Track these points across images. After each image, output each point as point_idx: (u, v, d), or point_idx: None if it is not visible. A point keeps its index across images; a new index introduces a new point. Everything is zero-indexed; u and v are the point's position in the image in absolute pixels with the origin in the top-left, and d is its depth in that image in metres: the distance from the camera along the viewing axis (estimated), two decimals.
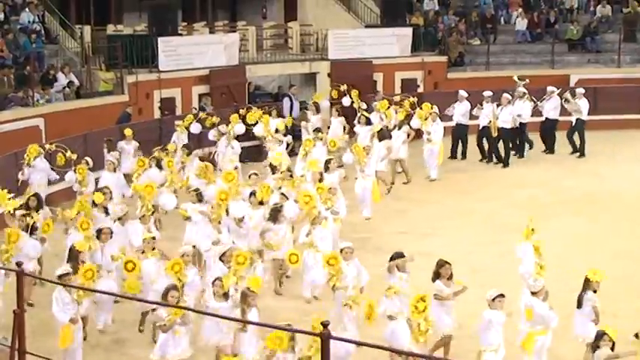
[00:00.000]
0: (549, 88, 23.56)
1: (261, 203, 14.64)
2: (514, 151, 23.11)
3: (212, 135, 21.09)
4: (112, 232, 13.10)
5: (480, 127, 22.76)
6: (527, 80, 23.50)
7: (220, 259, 12.26)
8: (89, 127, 20.68)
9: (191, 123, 21.19)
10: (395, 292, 11.18)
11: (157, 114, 23.95)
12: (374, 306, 11.06)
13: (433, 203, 19.30)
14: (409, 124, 20.98)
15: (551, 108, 23.42)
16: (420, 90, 26.79)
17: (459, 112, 22.73)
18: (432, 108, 21.17)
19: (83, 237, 12.82)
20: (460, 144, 23.29)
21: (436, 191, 20.29)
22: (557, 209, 18.39)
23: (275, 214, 14.19)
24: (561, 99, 23.33)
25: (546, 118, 23.60)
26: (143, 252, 12.57)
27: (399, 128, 20.59)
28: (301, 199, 14.36)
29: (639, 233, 16.74)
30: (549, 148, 23.85)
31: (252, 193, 14.83)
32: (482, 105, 22.61)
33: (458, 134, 23.17)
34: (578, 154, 23.47)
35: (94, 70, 24.19)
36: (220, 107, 23.44)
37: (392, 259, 11.61)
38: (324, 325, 6.10)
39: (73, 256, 12.18)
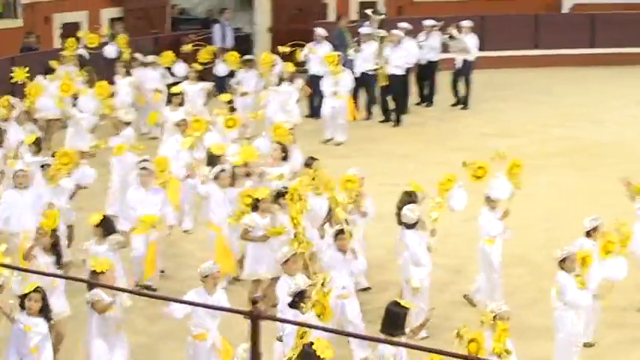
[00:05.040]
0: (426, 22, 22.22)
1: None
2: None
3: None
4: None
5: (359, 74, 20.64)
6: (385, 15, 22.34)
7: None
8: None
9: None
10: None
11: (57, 43, 23.52)
12: None
13: (397, 156, 18.97)
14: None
15: (431, 47, 22.10)
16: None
17: (316, 59, 20.43)
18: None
19: None
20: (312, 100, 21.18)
21: (399, 142, 19.91)
22: (546, 162, 18.26)
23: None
24: (443, 35, 22.14)
25: (428, 61, 22.17)
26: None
27: (290, 81, 18.81)
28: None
29: None
30: (427, 99, 22.74)
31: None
32: (359, 45, 20.92)
33: (313, 88, 20.40)
34: (462, 105, 22.52)
35: None
36: (136, 36, 23.00)
37: None
38: (254, 301, 6.15)
39: None
